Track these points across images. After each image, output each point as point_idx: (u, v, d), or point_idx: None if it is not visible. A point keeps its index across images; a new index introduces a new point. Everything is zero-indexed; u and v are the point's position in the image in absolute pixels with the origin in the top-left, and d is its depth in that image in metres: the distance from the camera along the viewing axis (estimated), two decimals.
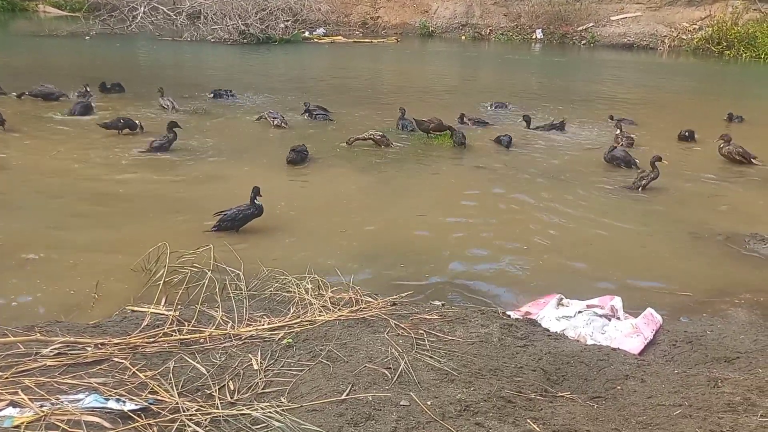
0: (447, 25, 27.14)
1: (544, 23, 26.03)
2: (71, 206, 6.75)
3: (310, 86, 14.60)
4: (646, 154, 8.90)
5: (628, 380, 3.57)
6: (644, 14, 25.54)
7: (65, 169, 7.88)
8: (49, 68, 15.40)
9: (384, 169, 8.54)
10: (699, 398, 3.34)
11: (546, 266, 5.81)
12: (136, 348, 3.61)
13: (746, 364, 3.87)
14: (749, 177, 8.80)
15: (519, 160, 9.20)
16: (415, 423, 2.98)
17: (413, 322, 4.10)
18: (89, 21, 22.61)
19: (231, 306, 4.23)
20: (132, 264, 5.21)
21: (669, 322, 4.66)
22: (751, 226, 6.75)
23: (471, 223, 6.73)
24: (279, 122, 10.37)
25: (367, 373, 3.41)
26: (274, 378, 3.41)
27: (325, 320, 4.08)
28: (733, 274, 5.73)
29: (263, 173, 8.09)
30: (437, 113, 10.50)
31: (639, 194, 7.84)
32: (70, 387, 3.13)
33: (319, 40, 24.34)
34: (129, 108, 11.20)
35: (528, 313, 4.74)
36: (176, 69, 16.89)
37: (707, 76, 20.37)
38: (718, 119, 12.25)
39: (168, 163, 8.35)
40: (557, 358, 3.77)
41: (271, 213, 6.38)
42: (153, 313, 4.12)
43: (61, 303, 4.70)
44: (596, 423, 3.10)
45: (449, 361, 3.58)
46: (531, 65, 21.50)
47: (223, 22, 21.94)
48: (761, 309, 5.04)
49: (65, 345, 3.54)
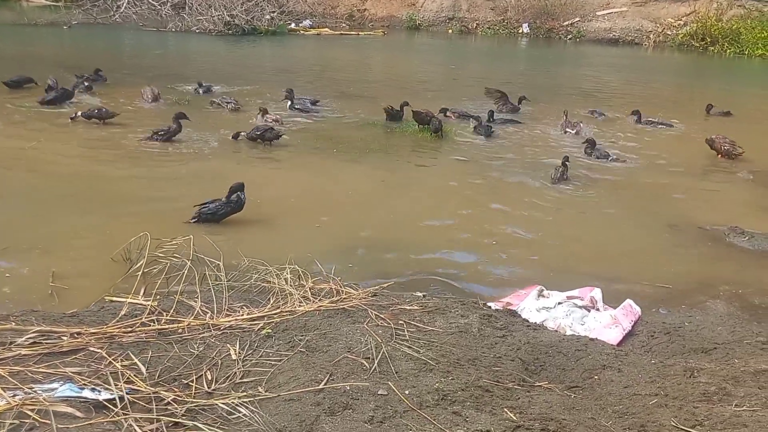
0: (434, 19, 27.07)
1: (531, 17, 26.04)
2: (50, 196, 6.66)
3: (297, 78, 14.51)
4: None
5: (606, 370, 3.60)
6: (630, 9, 25.62)
7: (46, 159, 7.79)
8: (29, 57, 15.16)
9: (366, 160, 8.52)
10: (675, 388, 3.37)
11: (527, 258, 5.84)
12: (113, 338, 3.58)
13: (723, 355, 3.91)
14: (730, 170, 8.87)
15: (499, 151, 9.21)
16: (393, 412, 2.98)
17: (393, 312, 4.09)
18: (71, 10, 22.31)
19: (210, 296, 4.21)
20: (112, 254, 5.16)
21: (648, 313, 4.70)
22: (730, 218, 6.81)
23: (454, 215, 6.74)
24: (233, 106, 10.68)
25: (345, 362, 3.40)
26: (252, 368, 3.40)
27: (305, 310, 4.07)
28: (712, 266, 5.79)
29: (246, 164, 8.06)
30: (424, 105, 10.52)
31: (620, 188, 7.87)
32: (44, 376, 3.10)
33: (306, 32, 24.21)
34: (108, 98, 11.03)
35: (509, 304, 4.76)
36: (160, 59, 16.71)
37: (690, 71, 20.53)
38: (698, 111, 12.36)
39: (152, 154, 8.27)
40: (536, 348, 3.78)
41: (253, 204, 6.34)
42: (131, 303, 4.08)
43: (38, 292, 4.66)
44: (573, 412, 3.12)
45: (428, 351, 3.58)
46: (517, 59, 21.54)
47: (208, 13, 21.75)
48: (739, 301, 5.10)
49: (40, 334, 3.50)
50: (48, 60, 14.84)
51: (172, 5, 22.65)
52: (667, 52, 23.86)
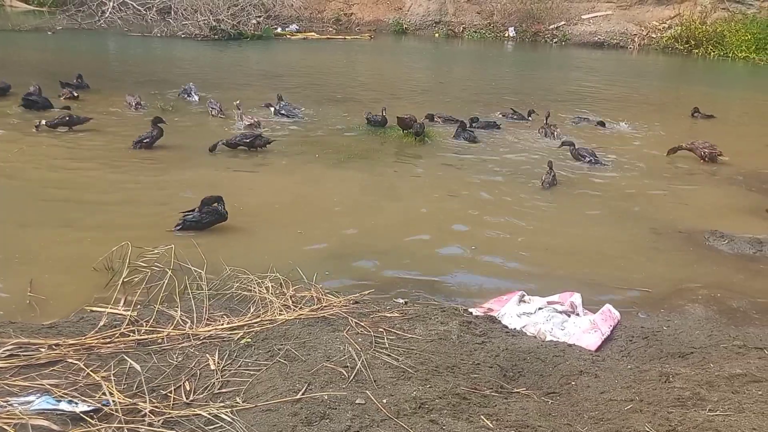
0: (420, 23, 27.15)
1: (517, 21, 26.17)
2: (30, 203, 6.61)
3: (282, 83, 14.50)
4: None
5: (582, 376, 3.63)
6: (615, 13, 25.80)
7: (27, 167, 7.74)
8: (13, 63, 15.06)
9: (349, 166, 8.52)
10: (650, 393, 3.41)
11: (508, 264, 5.86)
12: (92, 349, 3.58)
13: (699, 359, 3.95)
14: (710, 174, 8.96)
15: (481, 156, 9.25)
16: (370, 421, 3.00)
17: (373, 320, 4.12)
18: (55, 16, 22.18)
19: (191, 306, 4.21)
20: (93, 263, 5.14)
21: (627, 317, 4.74)
22: (710, 223, 6.88)
23: (437, 220, 6.76)
24: (216, 112, 10.64)
25: (324, 372, 3.42)
26: (230, 378, 3.41)
27: (285, 319, 4.08)
28: (692, 270, 5.84)
29: (227, 170, 8.04)
30: (411, 110, 10.57)
31: (601, 192, 7.93)
32: (21, 389, 3.10)
33: (292, 36, 24.20)
34: (91, 104, 10.98)
35: (490, 310, 4.78)
36: (145, 65, 16.64)
37: (675, 74, 20.70)
38: (683, 115, 12.48)
39: (135, 161, 8.23)
40: (514, 355, 3.81)
41: (235, 211, 6.34)
42: (111, 314, 4.08)
43: (17, 303, 4.62)
44: (549, 418, 3.15)
45: (407, 359, 3.60)
46: (503, 63, 21.65)
47: (194, 18, 21.69)
48: (717, 305, 5.14)
49: (18, 346, 3.50)
50: (32, 66, 14.76)
51: (158, 10, 22.55)
52: (651, 55, 24.04)
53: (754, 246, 6.31)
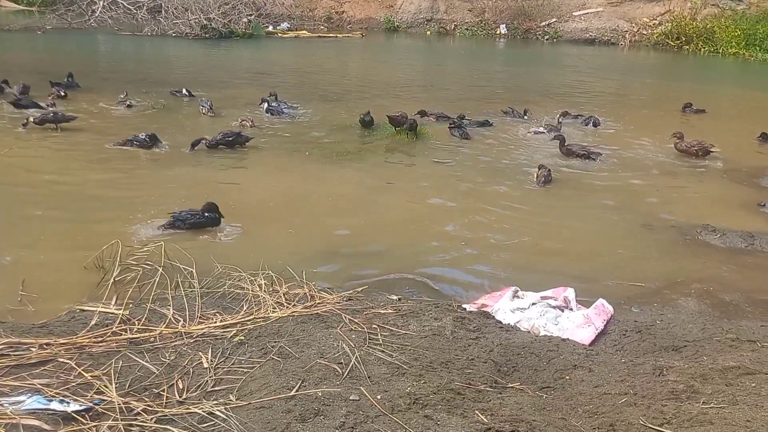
0: (412, 20, 27.14)
1: (508, 18, 26.20)
2: (21, 202, 6.56)
3: (274, 81, 14.45)
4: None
5: (577, 370, 3.63)
6: (606, 10, 25.87)
7: (17, 165, 7.68)
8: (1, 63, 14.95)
9: (341, 163, 8.51)
10: (644, 386, 3.41)
11: (501, 259, 5.86)
12: (83, 348, 3.55)
13: (693, 353, 3.96)
14: (701, 169, 8.99)
15: (473, 152, 9.25)
16: (364, 417, 2.99)
17: (367, 316, 4.10)
18: (45, 15, 22.04)
19: (183, 304, 4.19)
20: (84, 262, 5.10)
21: (620, 312, 4.75)
22: (702, 217, 6.90)
23: (429, 217, 6.75)
24: (206, 111, 10.61)
25: (318, 368, 3.40)
26: (224, 376, 3.39)
27: (278, 317, 4.06)
28: (685, 264, 5.86)
29: (219, 168, 8.01)
30: (403, 107, 10.55)
31: (593, 187, 7.94)
32: (12, 389, 3.07)
33: (283, 35, 24.14)
34: (76, 103, 10.90)
35: (484, 306, 4.78)
36: (136, 64, 16.56)
37: (666, 70, 20.77)
38: (674, 110, 12.52)
39: (126, 159, 8.19)
40: (508, 350, 3.81)
41: (227, 208, 6.30)
42: (102, 312, 4.05)
43: (8, 303, 4.58)
44: (543, 413, 3.15)
45: (401, 355, 3.59)
46: (495, 60, 21.65)
47: (185, 16, 21.60)
48: (710, 298, 5.16)
49: (8, 346, 3.46)
50: (21, 65, 14.66)
51: (148, 9, 22.43)
52: (642, 51, 24.12)
53: (746, 240, 6.34)
